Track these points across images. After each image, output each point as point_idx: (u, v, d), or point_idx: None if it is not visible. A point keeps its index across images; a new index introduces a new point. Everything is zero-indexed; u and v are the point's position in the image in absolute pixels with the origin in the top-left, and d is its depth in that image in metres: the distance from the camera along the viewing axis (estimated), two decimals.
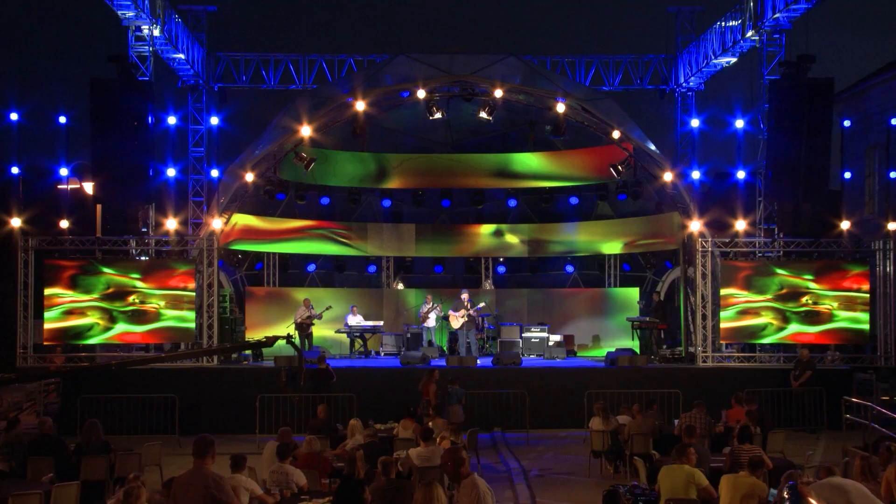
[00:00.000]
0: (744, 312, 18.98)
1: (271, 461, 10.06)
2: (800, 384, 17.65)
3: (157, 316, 18.75)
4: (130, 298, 18.69)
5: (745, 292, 18.98)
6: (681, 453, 9.22)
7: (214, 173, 21.44)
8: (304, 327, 20.75)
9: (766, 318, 18.93)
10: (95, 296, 18.58)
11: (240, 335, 21.71)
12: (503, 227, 24.45)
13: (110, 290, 18.66)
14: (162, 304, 18.76)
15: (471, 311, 20.61)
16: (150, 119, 18.23)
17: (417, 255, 24.36)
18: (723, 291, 19.06)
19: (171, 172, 21.39)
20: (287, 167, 21.86)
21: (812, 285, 18.85)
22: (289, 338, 9.69)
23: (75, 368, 17.65)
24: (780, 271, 19.01)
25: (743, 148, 21.18)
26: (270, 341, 9.41)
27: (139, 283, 18.73)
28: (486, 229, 24.42)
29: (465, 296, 20.85)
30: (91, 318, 18.58)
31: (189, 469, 7.15)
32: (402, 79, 19.67)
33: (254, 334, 21.84)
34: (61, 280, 18.59)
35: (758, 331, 18.99)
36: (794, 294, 18.88)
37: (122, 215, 19.14)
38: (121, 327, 18.65)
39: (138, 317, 18.73)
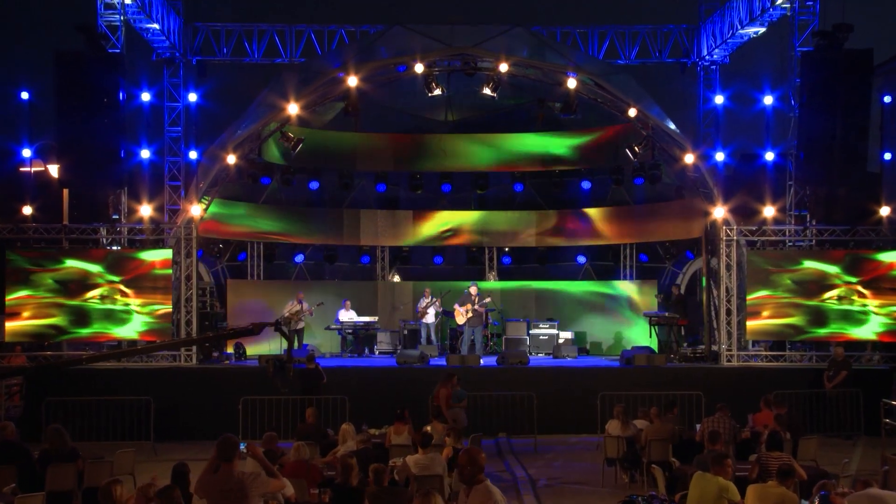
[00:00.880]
0: (772, 307, 18.96)
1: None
2: (834, 385, 17.61)
3: (129, 311, 18.72)
4: (100, 292, 18.65)
5: (773, 285, 18.96)
6: (717, 463, 9.05)
7: (193, 155, 21.34)
8: (292, 323, 20.73)
9: (796, 314, 18.91)
10: (61, 290, 18.53)
11: (221, 332, 21.68)
12: (509, 213, 24.42)
13: (77, 284, 18.62)
14: (135, 298, 18.74)
15: (477, 307, 20.60)
16: (121, 95, 18.12)
17: (415, 245, 24.36)
18: (749, 284, 19.03)
19: (144, 154, 21.32)
20: (272, 148, 21.79)
21: (848, 277, 18.81)
22: (277, 324, 9.72)
23: (41, 367, 17.59)
24: (812, 262, 18.97)
25: (772, 127, 21.09)
26: (257, 328, 9.41)
27: (110, 276, 18.69)
28: (490, 216, 24.39)
29: (473, 289, 20.86)
30: (56, 315, 18.54)
31: (215, 475, 7.18)
32: (399, 52, 19.59)
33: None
34: (24, 272, 18.54)
35: (788, 327, 18.99)
36: (828, 287, 18.86)
37: (90, 201, 19.06)
38: (89, 324, 18.62)
39: (109, 313, 18.68)
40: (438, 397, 15.26)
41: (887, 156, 26.12)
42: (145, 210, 20.02)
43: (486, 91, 19.42)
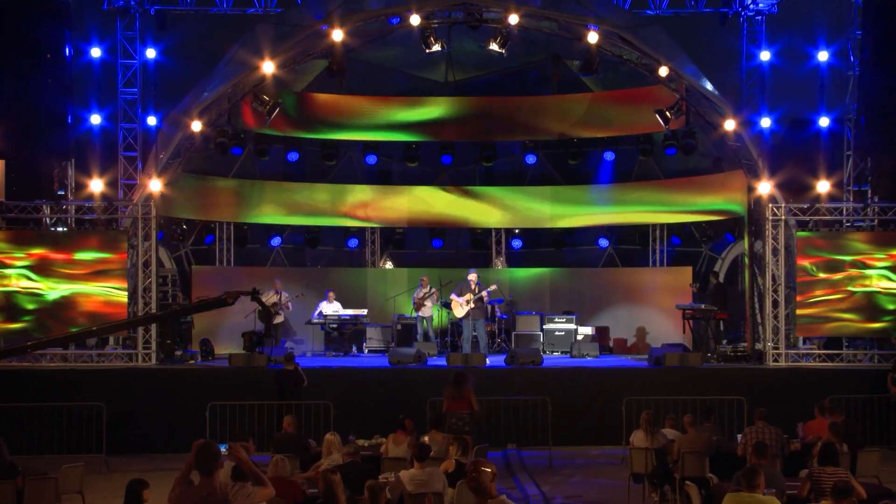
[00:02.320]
0: (827, 298, 18.95)
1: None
2: None
3: (76, 303, 18.63)
4: (42, 280, 18.56)
5: (828, 272, 18.94)
6: (750, 478, 9.04)
7: (151, 121, 21.23)
8: (269, 316, 20.67)
9: (855, 306, 18.89)
10: None
11: (186, 328, 21.66)
12: (519, 189, 24.36)
13: (15, 271, 18.56)
14: (84, 287, 18.66)
15: (483, 294, 20.50)
16: (67, 51, 18.04)
17: (410, 226, 24.31)
18: (799, 271, 18.98)
19: (95, 119, 21.21)
20: (245, 114, 21.66)
21: None
22: (254, 292, 9.67)
23: None
24: (873, 245, 18.91)
25: (827, 88, 20.98)
26: (231, 297, 9.36)
27: (53, 262, 18.64)
28: (499, 192, 24.33)
29: (472, 277, 20.74)
30: None
31: (191, 488, 7.10)
32: (391, 1, 19.46)
33: (203, 328, 21.78)
34: None
35: (845, 321, 18.98)
36: (893, 274, 18.81)
37: (31, 174, 19.00)
38: (29, 317, 18.56)
39: (53, 304, 18.61)
40: (462, 401, 14.76)
41: None
42: (96, 185, 19.91)
43: (493, 47, 19.29)
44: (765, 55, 21.67)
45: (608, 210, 23.95)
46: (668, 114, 19.80)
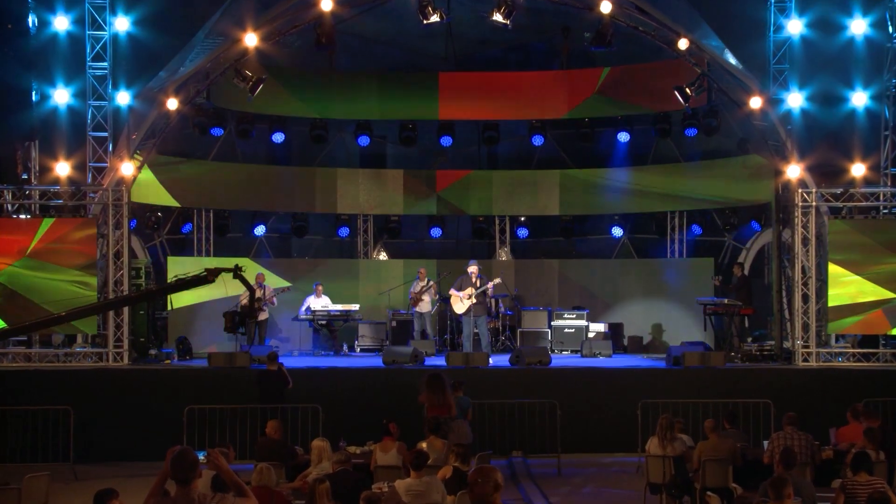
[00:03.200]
0: (863, 292, 18.95)
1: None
2: None
3: (40, 296, 18.56)
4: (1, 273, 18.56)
5: (864, 264, 18.95)
6: (777, 489, 9.02)
7: (123, 98, 21.13)
8: (251, 312, 20.62)
9: (894, 300, 18.88)
10: None
11: (161, 324, 21.63)
12: (525, 173, 24.36)
13: None
14: (48, 280, 18.61)
15: (485, 288, 20.46)
16: (30, 21, 17.96)
17: (406, 213, 24.31)
18: (832, 263, 18.98)
19: (61, 97, 21.10)
20: (226, 91, 21.60)
21: None
22: (237, 269, 9.67)
23: None
24: None
25: (863, 61, 20.90)
26: (212, 274, 9.35)
27: (15, 251, 18.61)
28: (503, 177, 24.30)
29: (473, 269, 20.71)
30: None
31: (166, 499, 7.07)
32: None
33: (179, 325, 21.77)
34: None
35: (882, 317, 18.96)
36: None
37: None
38: None
39: (12, 299, 18.57)
40: (442, 406, 14.93)
41: None
42: (62, 168, 19.84)
43: (497, 18, 19.19)
44: (794, 26, 21.54)
45: (622, 196, 23.93)
46: (688, 91, 19.73)
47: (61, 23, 21.02)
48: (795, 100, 20.61)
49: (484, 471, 6.88)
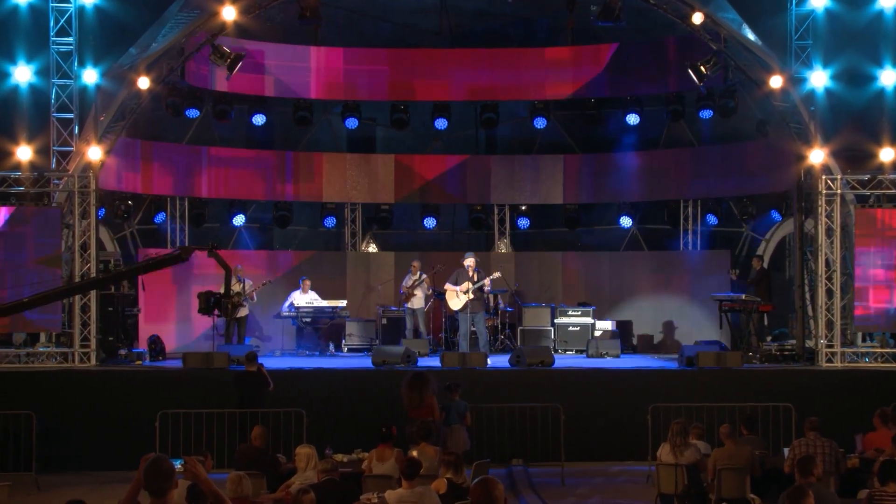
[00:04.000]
0: (892, 287, 18.97)
1: None
2: None
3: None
4: None
5: (893, 256, 19.01)
6: (796, 499, 9.01)
7: (90, 77, 21.07)
8: (227, 293, 20.59)
9: None
10: None
11: (132, 322, 21.60)
12: (527, 158, 24.39)
13: None
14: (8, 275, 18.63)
15: (483, 283, 20.46)
16: None
17: (398, 202, 24.32)
18: (859, 254, 19.03)
19: (22, 75, 21.02)
20: (202, 69, 21.57)
21: None
22: (212, 247, 9.63)
23: None
24: None
25: (893, 37, 20.87)
26: (186, 252, 9.32)
27: None
28: (502, 162, 24.31)
29: (471, 262, 20.71)
30: None
31: None
32: None
33: (153, 322, 21.74)
34: None
35: None
36: None
37: None
38: None
39: None
40: (421, 408, 15.04)
41: None
42: (24, 153, 19.78)
43: None
44: None
45: (631, 183, 23.96)
46: (702, 69, 19.74)
47: None
48: (819, 78, 20.58)
49: (487, 483, 6.86)
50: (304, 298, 21.67)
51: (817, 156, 19.13)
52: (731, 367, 18.67)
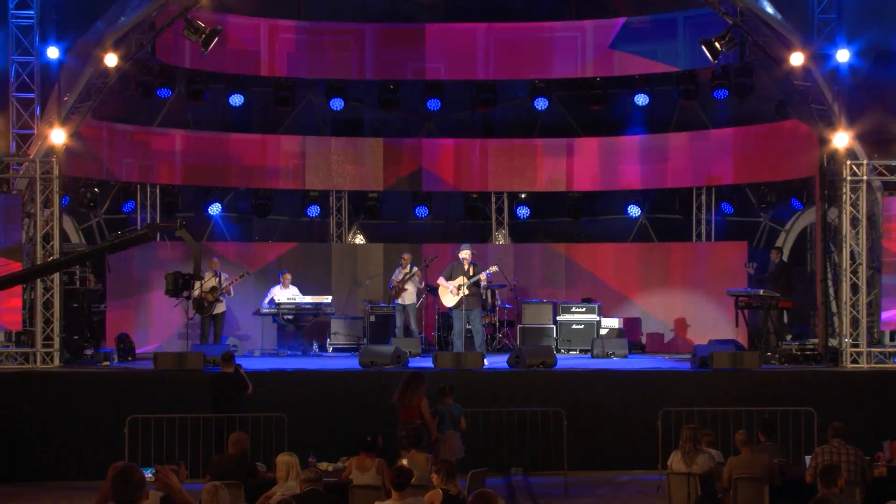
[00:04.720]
0: None
1: None
2: None
3: None
4: None
5: None
6: None
7: (53, 53, 21.01)
8: (205, 304, 20.62)
9: None
10: None
11: (98, 319, 21.57)
12: (527, 142, 24.41)
13: None
14: None
15: (482, 276, 20.43)
16: None
17: (387, 190, 24.33)
18: (887, 246, 19.05)
19: None
20: (175, 45, 21.52)
21: None
22: (181, 225, 9.62)
23: None
24: None
25: None
26: (152, 230, 9.30)
27: None
28: (500, 147, 24.31)
29: (466, 254, 20.68)
30: None
31: None
32: None
33: (120, 320, 21.70)
34: None
35: None
36: None
37: None
38: None
39: None
40: (408, 409, 15.07)
41: None
42: None
43: None
44: None
45: (640, 169, 23.99)
46: (717, 45, 19.68)
47: None
48: (843, 56, 20.56)
49: (486, 497, 6.83)
50: (286, 294, 21.66)
51: (841, 139, 19.09)
52: (749, 369, 18.67)
